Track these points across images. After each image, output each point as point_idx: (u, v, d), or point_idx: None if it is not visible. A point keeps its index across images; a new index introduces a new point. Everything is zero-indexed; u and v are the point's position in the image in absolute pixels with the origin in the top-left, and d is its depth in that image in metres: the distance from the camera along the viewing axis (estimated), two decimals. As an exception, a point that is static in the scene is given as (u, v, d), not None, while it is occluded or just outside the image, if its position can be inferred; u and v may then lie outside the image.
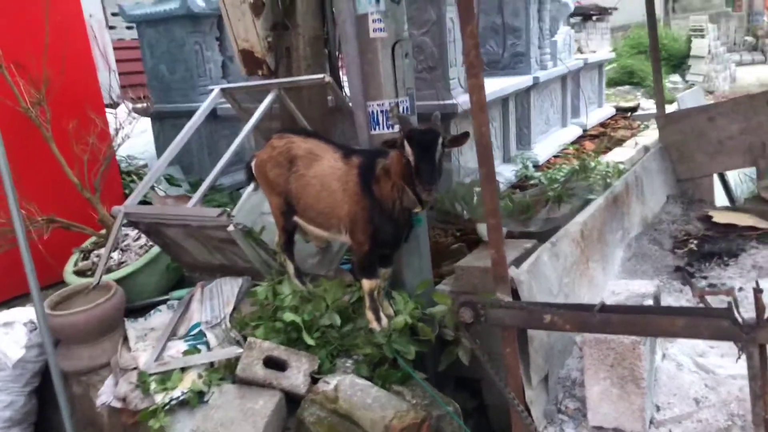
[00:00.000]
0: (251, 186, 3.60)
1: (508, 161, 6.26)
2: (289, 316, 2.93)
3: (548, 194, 4.24)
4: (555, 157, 7.09)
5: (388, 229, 2.95)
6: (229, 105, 4.42)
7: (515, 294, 2.13)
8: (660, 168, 4.04)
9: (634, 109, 10.19)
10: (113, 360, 3.20)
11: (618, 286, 2.24)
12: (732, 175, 4.73)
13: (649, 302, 2.08)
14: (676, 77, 15.94)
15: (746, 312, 1.72)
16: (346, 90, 3.71)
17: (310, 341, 2.92)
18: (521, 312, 1.92)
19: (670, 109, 9.97)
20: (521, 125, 6.56)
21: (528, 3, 6.29)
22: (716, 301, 2.39)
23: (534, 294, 2.24)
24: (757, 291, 1.71)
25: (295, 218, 3.26)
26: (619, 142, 7.59)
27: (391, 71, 3.24)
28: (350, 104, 3.65)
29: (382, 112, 3.28)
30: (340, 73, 4.36)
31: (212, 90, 4.08)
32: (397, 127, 3.26)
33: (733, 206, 4.21)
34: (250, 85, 4.14)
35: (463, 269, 3.51)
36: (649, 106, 10.74)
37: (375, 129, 3.33)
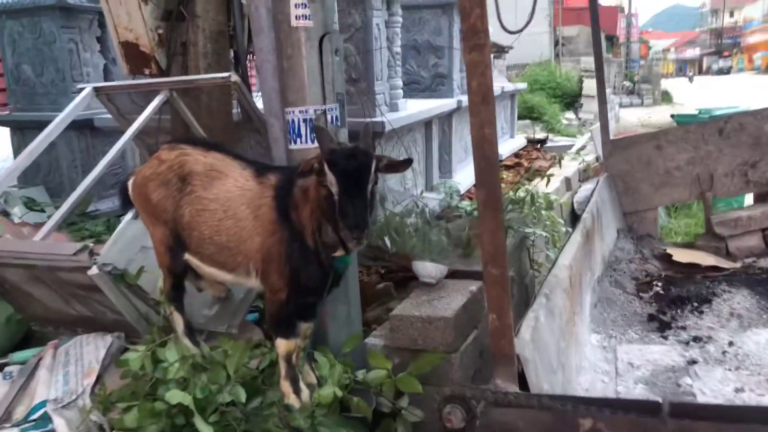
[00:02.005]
0: (130, 214, 2.75)
1: (431, 189, 5.76)
2: (174, 395, 2.11)
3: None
4: (475, 186, 6.72)
5: (313, 271, 2.25)
6: (110, 115, 3.52)
7: (521, 379, 1.50)
8: (610, 199, 3.66)
9: (543, 140, 10.22)
10: None
11: (631, 354, 1.69)
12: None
13: (687, 379, 1.53)
14: (570, 114, 16.64)
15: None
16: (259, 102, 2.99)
17: (205, 428, 2.11)
18: (544, 413, 1.28)
19: (579, 143, 9.88)
20: (442, 152, 6.12)
21: (451, 20, 5.91)
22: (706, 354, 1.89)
23: (540, 375, 1.63)
24: None
25: (187, 256, 2.47)
26: (538, 172, 7.39)
27: (317, 70, 2.58)
28: (262, 113, 2.93)
29: (305, 121, 2.59)
30: (249, 77, 3.62)
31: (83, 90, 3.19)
32: (323, 142, 2.56)
33: (686, 243, 3.91)
34: (132, 84, 3.29)
35: (401, 319, 2.86)
36: (557, 138, 10.86)
37: (295, 142, 2.64)
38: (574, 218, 6.45)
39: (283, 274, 2.25)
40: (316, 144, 2.58)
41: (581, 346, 2.20)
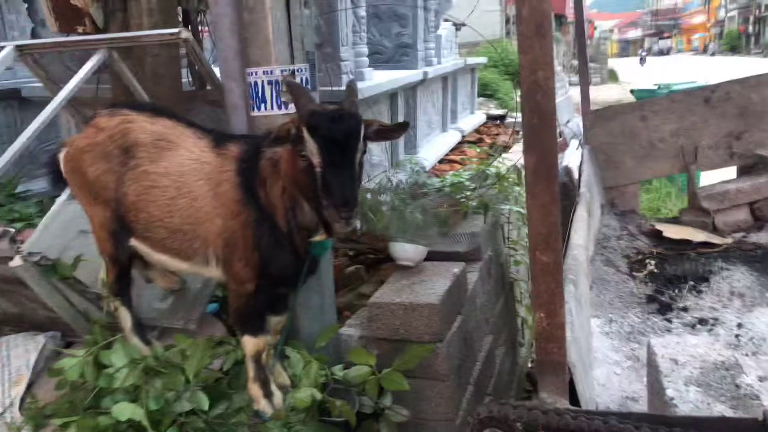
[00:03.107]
0: (64, 194, 2.34)
1: (396, 166, 5.46)
2: (122, 409, 1.77)
3: (467, 204, 3.45)
4: (439, 163, 6.48)
5: (285, 258, 1.94)
6: (41, 84, 3.05)
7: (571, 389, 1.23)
8: (593, 172, 3.46)
9: (503, 116, 10.07)
10: None
11: (671, 348, 1.45)
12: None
13: (745, 377, 1.31)
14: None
15: None
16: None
17: (161, 446, 1.78)
18: (615, 438, 1.01)
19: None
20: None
21: (415, -13, 5.58)
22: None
23: (584, 382, 1.37)
24: None
25: (133, 242, 2.11)
26: (504, 148, 7.20)
27: (284, 25, 2.23)
28: (219, 77, 2.56)
29: (270, 83, 2.24)
30: (201, 38, 3.21)
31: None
32: (291, 107, 2.22)
33: (671, 218, 3.76)
34: (62, 42, 2.83)
35: (380, 307, 2.57)
36: (515, 114, 10.73)
37: (259, 108, 2.29)
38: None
39: (249, 262, 1.92)
40: (283, 110, 2.26)
41: (592, 334, 1.98)
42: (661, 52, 67.45)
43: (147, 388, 1.91)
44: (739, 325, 2.27)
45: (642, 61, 43.65)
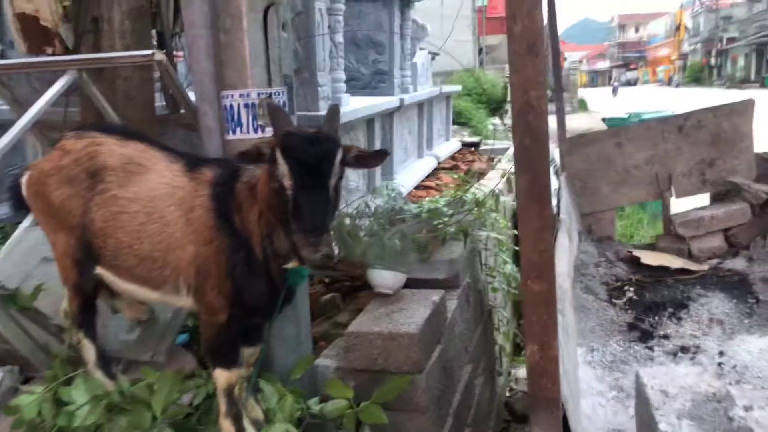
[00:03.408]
0: (27, 220, 2.24)
1: (373, 192, 5.42)
2: (83, 450, 1.64)
3: (446, 230, 3.41)
4: (416, 188, 6.47)
5: (261, 287, 1.86)
6: (7, 107, 2.95)
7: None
8: (570, 199, 3.46)
9: (477, 143, 10.16)
10: None
11: (659, 378, 1.41)
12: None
13: (738, 410, 1.27)
14: (496, 120, 16.89)
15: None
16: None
17: (124, 489, 1.66)
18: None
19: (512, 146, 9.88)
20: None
21: (392, 14, 5.62)
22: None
23: (576, 417, 1.31)
24: None
25: (99, 270, 2.00)
26: (478, 175, 7.24)
27: (261, 47, 2.19)
28: (193, 100, 2.50)
29: (246, 106, 2.19)
30: (175, 60, 3.15)
31: (-37, 69, 2.61)
32: (269, 131, 2.17)
33: (647, 245, 3.78)
34: (31, 63, 2.74)
35: (357, 336, 2.49)
36: (490, 141, 10.86)
37: (234, 132, 2.23)
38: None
39: (222, 291, 1.83)
40: (260, 134, 2.21)
41: (578, 365, 1.93)
42: (629, 83, 69.43)
43: (110, 426, 1.80)
44: (721, 353, 2.26)
45: (614, 91, 43.37)
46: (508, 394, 4.48)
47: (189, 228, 1.85)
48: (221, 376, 1.91)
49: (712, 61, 49.74)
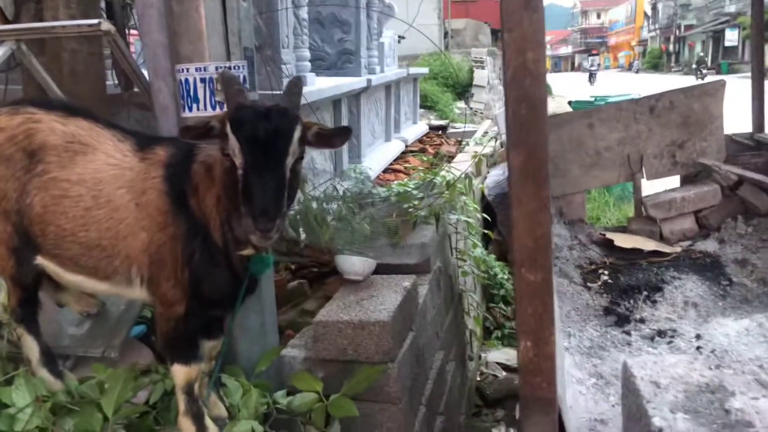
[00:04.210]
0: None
1: (340, 175, 5.27)
2: (23, 458, 1.48)
3: (417, 214, 3.31)
4: (384, 172, 6.35)
5: (221, 276, 1.72)
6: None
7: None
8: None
9: (445, 127, 10.08)
10: None
11: (648, 368, 1.33)
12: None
13: (733, 401, 1.20)
14: (461, 104, 16.86)
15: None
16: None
17: (71, 500, 1.51)
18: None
19: (481, 129, 9.80)
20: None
21: (358, -8, 5.44)
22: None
23: (567, 414, 1.21)
24: None
25: (40, 260, 1.83)
26: (446, 158, 7.16)
27: (219, 17, 2.03)
28: (145, 76, 2.33)
29: (203, 81, 2.02)
30: (127, 35, 2.94)
31: None
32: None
33: (619, 227, 3.75)
34: (-40, 34, 2.48)
35: (326, 326, 2.37)
36: (457, 125, 10.80)
37: (190, 109, 2.07)
38: (486, 204, 6.28)
39: (179, 281, 1.69)
40: (218, 111, 2.04)
41: (564, 355, 1.86)
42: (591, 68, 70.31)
43: (56, 430, 1.64)
44: (698, 337, 2.23)
45: (592, 77, 36.71)
46: (478, 379, 4.44)
47: (140, 213, 1.69)
48: (180, 372, 1.76)
49: (671, 47, 50.77)
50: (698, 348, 2.12)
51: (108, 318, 2.13)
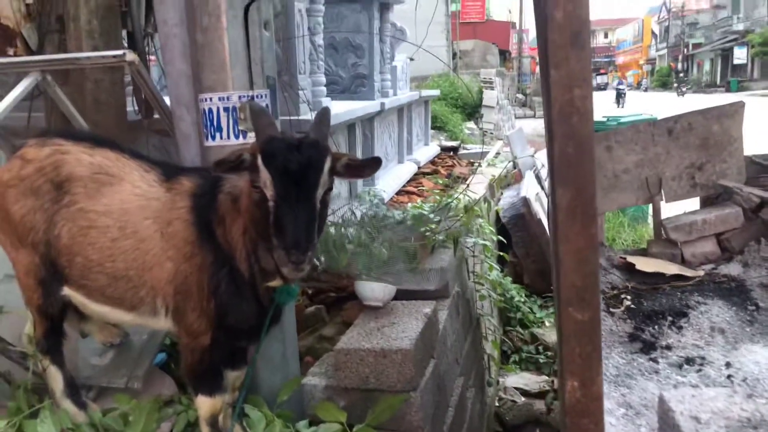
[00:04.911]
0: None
1: (355, 198, 5.28)
2: (49, 494, 1.46)
3: (434, 238, 3.29)
4: (397, 194, 6.36)
5: (246, 307, 1.72)
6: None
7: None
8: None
9: (456, 148, 10.09)
10: None
11: (687, 402, 1.30)
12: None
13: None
14: (471, 124, 16.92)
15: None
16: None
17: None
18: None
19: (493, 150, 9.76)
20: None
21: (371, 17, 5.50)
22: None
23: None
24: None
25: (66, 290, 1.82)
26: (460, 179, 7.15)
27: (242, 47, 2.04)
28: (167, 104, 2.35)
29: (226, 110, 2.03)
30: (148, 62, 2.97)
31: None
32: (251, 137, 2.03)
33: (639, 250, 3.71)
34: (-13, 65, 2.53)
35: (347, 354, 2.35)
36: (469, 146, 10.82)
37: (213, 138, 2.07)
38: (502, 227, 6.26)
39: (205, 311, 1.68)
40: (241, 140, 2.06)
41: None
42: (599, 87, 70.42)
43: (81, 464, 1.62)
44: (728, 365, 2.18)
45: (621, 98, 31.09)
46: (497, 404, 4.37)
47: (167, 243, 1.70)
48: (204, 404, 1.75)
49: (679, 66, 50.79)
50: (729, 377, 2.07)
51: (131, 348, 2.12)
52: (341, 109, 4.70)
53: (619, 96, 31.21)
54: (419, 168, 7.72)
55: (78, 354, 2.09)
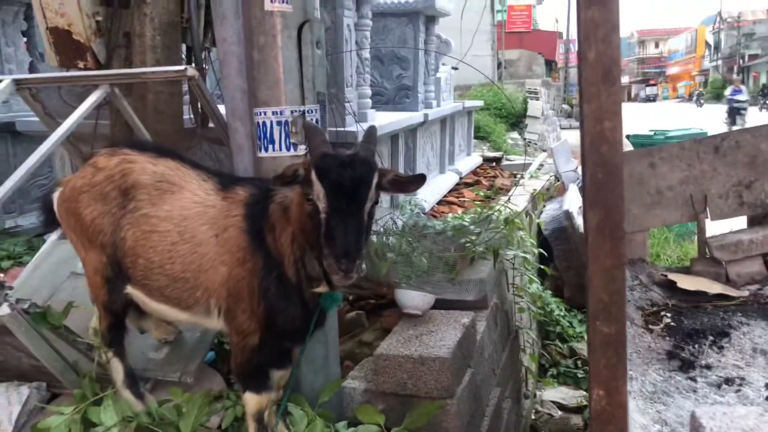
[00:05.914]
0: (54, 234, 2.22)
1: (396, 207, 5.36)
2: (111, 475, 1.60)
3: (473, 249, 3.34)
4: (438, 204, 6.41)
5: (293, 310, 1.82)
6: (36, 118, 2.96)
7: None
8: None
9: (499, 159, 10.06)
10: None
11: (718, 420, 1.32)
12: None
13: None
14: (515, 134, 16.78)
15: None
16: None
17: None
18: None
19: (537, 162, 9.68)
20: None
21: (417, 30, 5.59)
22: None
23: None
24: None
25: (129, 289, 1.97)
26: (502, 191, 7.15)
27: (295, 64, 2.16)
28: (223, 116, 2.49)
29: (279, 124, 2.15)
30: (205, 75, 3.13)
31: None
32: (301, 149, 2.15)
33: (682, 268, 3.67)
34: (63, 77, 2.75)
35: (387, 359, 2.43)
36: (511, 156, 10.77)
37: (266, 150, 2.20)
38: (543, 240, 6.23)
39: (255, 313, 1.79)
40: (292, 152, 2.17)
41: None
42: (648, 99, 68.51)
43: (139, 450, 1.75)
44: (767, 386, 2.16)
45: (740, 116, 19.63)
46: (534, 417, 4.37)
47: (221, 248, 1.82)
48: (251, 400, 1.86)
49: (734, 77, 49.04)
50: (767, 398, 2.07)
51: (184, 345, 2.26)
52: (385, 121, 4.80)
53: (736, 113, 20.07)
54: (461, 178, 7.75)
55: (136, 347, 2.24)
